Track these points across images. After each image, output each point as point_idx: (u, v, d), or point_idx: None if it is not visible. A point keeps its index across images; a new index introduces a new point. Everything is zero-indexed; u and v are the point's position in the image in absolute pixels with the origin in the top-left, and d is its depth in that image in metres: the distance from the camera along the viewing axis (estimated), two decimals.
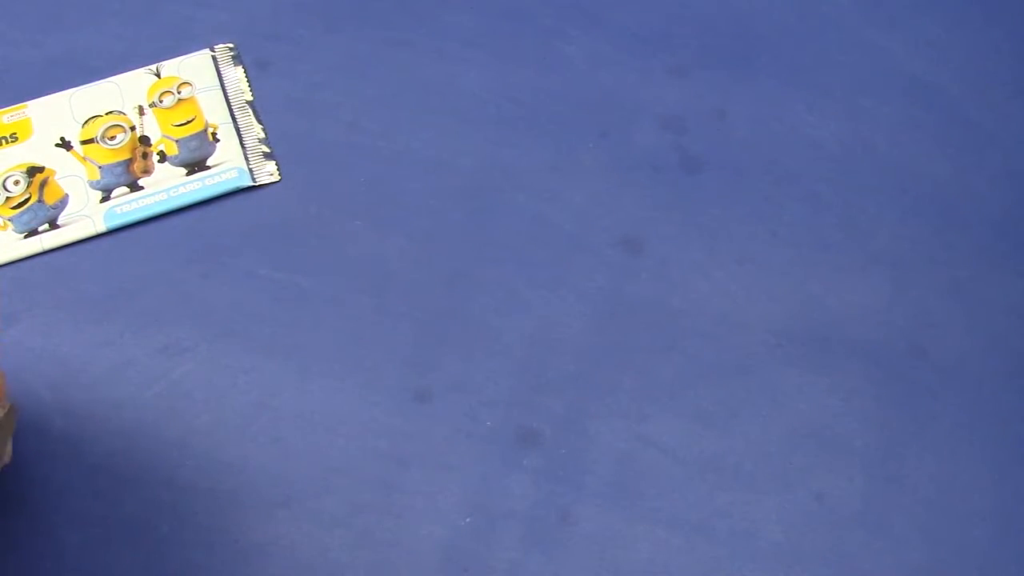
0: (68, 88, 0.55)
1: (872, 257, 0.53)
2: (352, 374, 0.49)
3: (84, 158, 0.53)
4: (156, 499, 0.46)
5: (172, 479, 0.47)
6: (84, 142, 0.53)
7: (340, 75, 0.56)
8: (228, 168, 0.53)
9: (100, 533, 0.45)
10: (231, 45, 0.57)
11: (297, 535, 0.46)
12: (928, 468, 0.48)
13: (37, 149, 0.53)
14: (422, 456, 0.47)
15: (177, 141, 0.54)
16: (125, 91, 0.55)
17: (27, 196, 0.52)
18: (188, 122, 0.54)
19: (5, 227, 0.51)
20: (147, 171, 0.53)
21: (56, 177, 0.52)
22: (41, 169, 0.53)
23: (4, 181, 0.52)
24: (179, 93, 0.55)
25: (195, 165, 0.53)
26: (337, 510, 0.46)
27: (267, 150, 0.54)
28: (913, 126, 0.57)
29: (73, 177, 0.52)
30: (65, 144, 0.53)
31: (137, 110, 0.54)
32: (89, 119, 0.54)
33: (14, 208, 0.52)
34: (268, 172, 0.54)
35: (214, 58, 0.56)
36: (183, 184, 0.53)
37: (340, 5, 0.58)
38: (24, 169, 0.53)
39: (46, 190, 0.52)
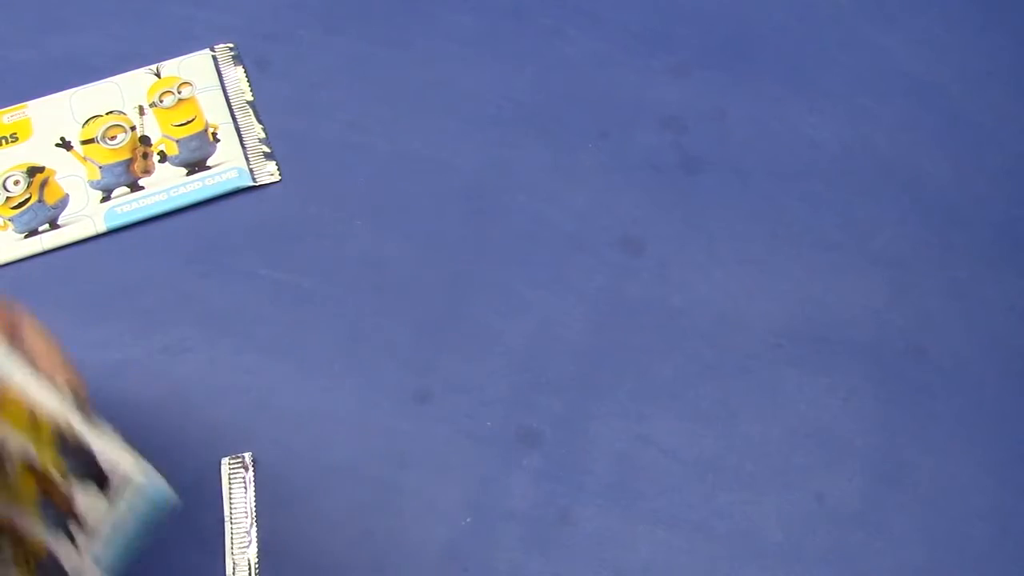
0: (68, 88, 0.55)
1: (872, 257, 0.53)
2: (352, 374, 0.49)
3: (84, 158, 0.53)
4: None
5: (173, 479, 0.47)
6: (84, 142, 0.53)
7: (340, 75, 0.56)
8: (228, 168, 0.53)
9: None
10: (231, 45, 0.57)
11: (298, 534, 0.46)
12: (928, 468, 0.48)
13: (37, 149, 0.53)
14: (422, 456, 0.47)
15: (177, 141, 0.54)
16: (125, 91, 0.55)
17: (27, 196, 0.52)
18: (188, 122, 0.54)
19: (5, 227, 0.51)
20: (147, 171, 0.53)
21: (56, 177, 0.52)
22: (41, 169, 0.53)
23: (4, 181, 0.52)
24: (179, 93, 0.55)
25: (195, 165, 0.53)
26: (337, 510, 0.46)
27: (267, 150, 0.54)
28: (913, 126, 0.57)
29: (73, 177, 0.52)
30: (65, 144, 0.53)
31: (137, 110, 0.54)
32: (89, 119, 0.54)
33: (14, 208, 0.52)
34: (268, 172, 0.54)
35: (214, 58, 0.56)
36: (183, 184, 0.53)
37: (340, 5, 0.58)
38: (24, 169, 0.53)
39: (46, 190, 0.52)
